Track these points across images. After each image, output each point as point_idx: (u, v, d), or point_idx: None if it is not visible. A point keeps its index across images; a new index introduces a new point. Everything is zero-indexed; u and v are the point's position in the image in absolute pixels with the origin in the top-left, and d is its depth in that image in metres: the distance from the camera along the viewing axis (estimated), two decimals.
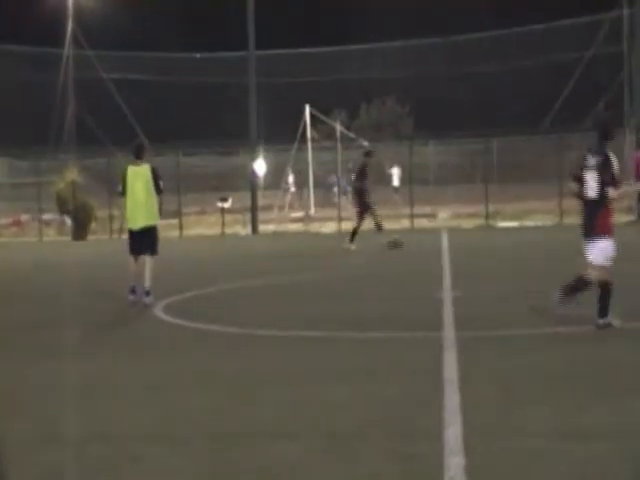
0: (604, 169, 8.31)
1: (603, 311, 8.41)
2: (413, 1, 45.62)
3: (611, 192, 8.32)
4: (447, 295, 11.35)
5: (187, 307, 11.41)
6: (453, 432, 5.21)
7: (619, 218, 25.88)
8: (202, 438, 5.47)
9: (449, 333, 8.50)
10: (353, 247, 19.22)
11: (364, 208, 19.42)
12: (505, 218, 28.67)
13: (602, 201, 8.37)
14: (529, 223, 27.66)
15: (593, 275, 8.47)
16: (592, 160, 8.44)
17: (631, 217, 25.42)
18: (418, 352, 7.86)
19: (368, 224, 19.76)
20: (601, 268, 8.43)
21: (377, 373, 7.10)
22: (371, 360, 7.65)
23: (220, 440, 5.41)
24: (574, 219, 26.67)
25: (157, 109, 40.51)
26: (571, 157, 31.68)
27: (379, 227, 19.68)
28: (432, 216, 31.30)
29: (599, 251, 8.41)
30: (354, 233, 19.59)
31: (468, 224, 28.10)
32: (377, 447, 5.14)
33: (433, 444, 5.03)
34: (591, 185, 8.39)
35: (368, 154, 20.47)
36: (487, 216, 27.97)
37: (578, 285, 8.71)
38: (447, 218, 30.68)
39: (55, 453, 5.29)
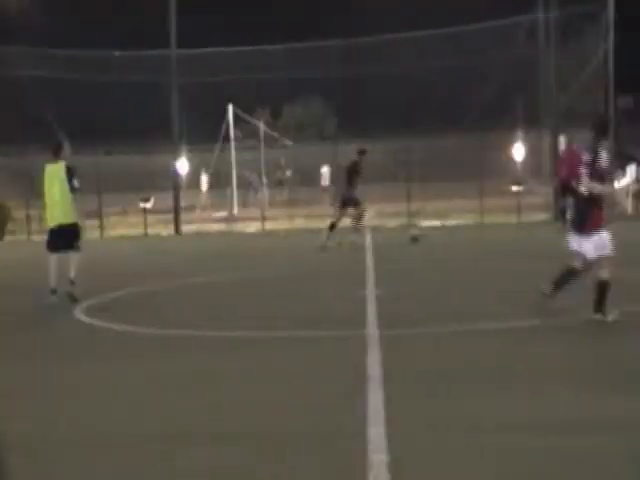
0: (594, 165, 8.56)
1: (599, 306, 8.57)
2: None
3: (597, 187, 8.55)
4: (370, 293, 11.43)
5: (114, 308, 11.27)
6: (377, 430, 5.25)
7: (535, 216, 26.60)
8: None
9: (373, 331, 8.56)
10: (330, 243, 18.86)
11: (350, 203, 19.16)
12: (427, 217, 28.99)
13: (594, 197, 8.59)
14: (451, 222, 28.05)
15: (602, 272, 8.54)
16: (586, 157, 8.65)
17: (547, 215, 25.90)
18: (342, 351, 7.89)
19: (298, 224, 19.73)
20: (607, 260, 8.56)
21: (299, 373, 7.11)
22: (292, 360, 7.66)
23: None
24: (495, 218, 27.39)
25: (77, 107, 39.68)
26: (491, 156, 32.35)
27: (356, 226, 19.72)
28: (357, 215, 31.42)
29: (599, 244, 8.54)
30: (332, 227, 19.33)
31: (391, 223, 28.34)
32: (302, 447, 5.15)
33: (357, 442, 5.05)
34: (584, 181, 8.59)
35: (362, 152, 19.73)
36: (410, 215, 28.28)
37: (566, 277, 8.90)
38: (371, 217, 30.85)
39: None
